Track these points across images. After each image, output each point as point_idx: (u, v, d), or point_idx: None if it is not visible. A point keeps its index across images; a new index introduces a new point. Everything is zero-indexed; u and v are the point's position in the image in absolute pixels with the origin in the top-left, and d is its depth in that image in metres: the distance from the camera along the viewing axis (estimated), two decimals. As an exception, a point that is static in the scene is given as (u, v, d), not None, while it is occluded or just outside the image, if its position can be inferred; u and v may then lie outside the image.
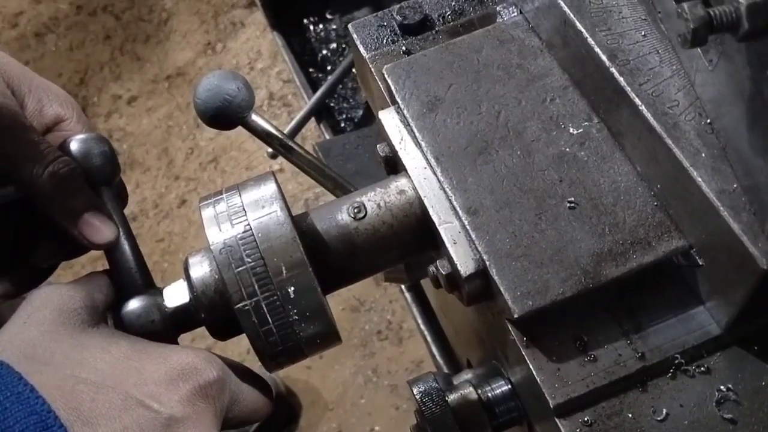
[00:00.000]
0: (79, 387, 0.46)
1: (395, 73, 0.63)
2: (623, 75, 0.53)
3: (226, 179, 2.19)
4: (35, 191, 0.55)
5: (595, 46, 0.55)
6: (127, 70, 2.37)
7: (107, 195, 0.58)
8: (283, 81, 2.35)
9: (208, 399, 0.50)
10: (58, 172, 0.55)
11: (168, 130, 2.29)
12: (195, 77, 2.37)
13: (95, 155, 0.57)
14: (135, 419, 0.46)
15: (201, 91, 0.72)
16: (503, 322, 0.55)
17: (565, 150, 0.57)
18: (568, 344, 0.53)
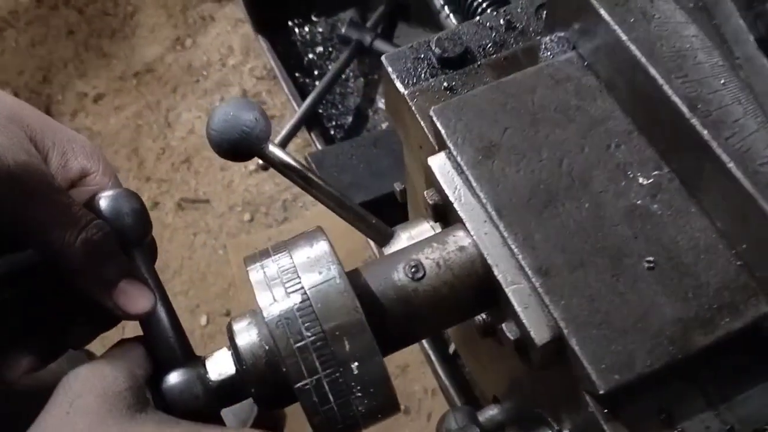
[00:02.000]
0: None
1: (444, 115, 0.58)
2: (707, 128, 0.50)
3: (200, 180, 2.12)
4: (66, 260, 0.49)
5: (672, 95, 0.51)
6: (93, 67, 2.27)
7: (140, 257, 0.53)
8: (256, 78, 2.28)
9: None
10: (91, 239, 0.49)
11: (137, 129, 2.21)
12: (164, 74, 2.28)
13: (126, 214, 0.52)
14: None
15: (217, 121, 0.66)
16: (578, 392, 0.51)
17: (636, 203, 0.53)
18: (652, 417, 0.50)
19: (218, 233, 2.03)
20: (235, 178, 2.12)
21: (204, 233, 2.03)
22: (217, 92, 2.25)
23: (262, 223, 2.04)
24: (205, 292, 1.94)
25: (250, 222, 2.06)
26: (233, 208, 2.07)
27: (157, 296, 0.52)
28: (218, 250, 2.01)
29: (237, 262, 1.96)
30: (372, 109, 1.47)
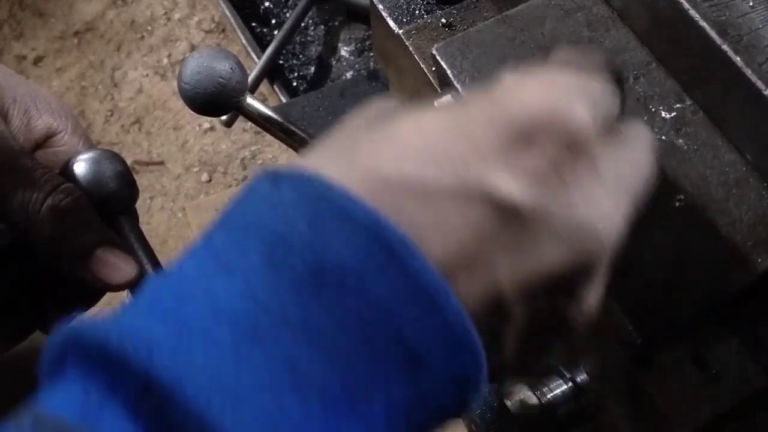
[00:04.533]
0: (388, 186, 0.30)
1: (449, 54, 0.54)
2: (738, 54, 0.46)
3: (153, 142, 2.04)
4: (32, 230, 0.44)
5: (700, 20, 0.47)
6: (30, 27, 2.14)
7: (128, 225, 0.47)
8: (205, 32, 2.18)
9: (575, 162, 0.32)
10: (59, 204, 0.44)
11: (82, 91, 2.10)
12: (106, 32, 2.17)
13: (109, 178, 0.47)
14: (475, 221, 0.30)
15: (189, 74, 0.61)
16: (607, 340, 0.48)
17: (660, 138, 0.50)
18: (687, 363, 0.47)
19: (176, 196, 1.96)
20: (189, 137, 2.04)
21: (161, 196, 1.96)
22: (164, 48, 2.15)
23: (221, 183, 1.97)
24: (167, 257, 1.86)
25: (209, 182, 1.99)
26: (189, 169, 2.00)
27: (149, 265, 0.47)
28: (177, 213, 1.94)
29: (197, 224, 1.90)
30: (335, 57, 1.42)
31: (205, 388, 0.25)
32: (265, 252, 0.28)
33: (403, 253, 0.28)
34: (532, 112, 0.31)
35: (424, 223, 0.29)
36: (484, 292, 0.30)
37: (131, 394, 0.25)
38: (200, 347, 0.26)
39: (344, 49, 1.42)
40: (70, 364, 0.27)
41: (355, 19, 1.45)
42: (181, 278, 0.29)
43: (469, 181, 0.30)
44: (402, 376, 0.28)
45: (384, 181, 0.30)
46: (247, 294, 0.27)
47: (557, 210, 0.31)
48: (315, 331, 0.27)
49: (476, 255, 0.30)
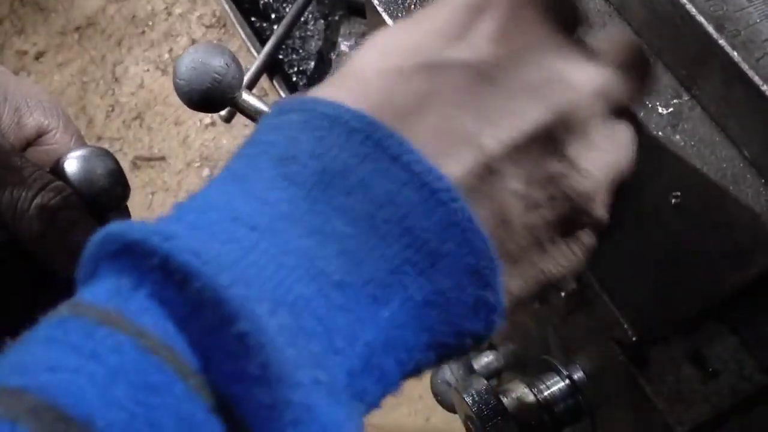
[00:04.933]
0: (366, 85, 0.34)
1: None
2: (736, 49, 0.46)
3: (154, 137, 2.04)
4: (21, 229, 0.44)
5: (697, 14, 0.47)
6: (31, 23, 2.14)
7: (119, 223, 0.47)
8: (206, 26, 2.18)
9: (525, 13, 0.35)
10: (48, 203, 0.44)
11: (83, 86, 2.10)
12: (107, 27, 2.17)
13: (101, 175, 0.46)
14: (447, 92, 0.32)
15: (184, 70, 0.61)
16: (603, 338, 0.48)
17: (657, 134, 0.50)
18: (683, 361, 0.47)
19: (177, 191, 1.96)
20: (190, 132, 2.04)
21: (162, 192, 1.96)
22: (165, 43, 2.15)
23: (222, 178, 1.97)
24: (169, 253, 1.88)
25: (210, 178, 1.99)
26: (191, 164, 2.00)
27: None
28: (178, 208, 1.94)
29: (199, 220, 1.90)
30: (335, 52, 1.41)
31: (222, 270, 0.26)
32: (275, 166, 0.30)
33: (395, 147, 0.30)
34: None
35: (401, 105, 0.32)
36: (473, 158, 0.32)
37: (156, 280, 0.27)
38: (218, 242, 0.28)
39: (344, 44, 1.41)
40: (103, 264, 0.29)
41: (355, 14, 1.44)
42: (204, 196, 0.31)
43: (432, 56, 0.34)
44: (415, 268, 0.30)
45: (362, 79, 0.33)
46: (262, 200, 0.30)
47: (523, 63, 0.34)
48: (327, 231, 0.29)
49: (455, 124, 0.32)
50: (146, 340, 0.26)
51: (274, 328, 0.26)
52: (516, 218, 0.33)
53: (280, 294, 0.27)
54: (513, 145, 0.32)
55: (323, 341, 0.28)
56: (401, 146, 0.30)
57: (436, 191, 0.30)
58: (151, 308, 0.27)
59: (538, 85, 0.33)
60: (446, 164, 0.31)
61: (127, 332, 0.26)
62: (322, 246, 0.29)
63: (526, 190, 0.33)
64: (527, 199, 0.33)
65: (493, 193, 0.32)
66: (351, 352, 0.28)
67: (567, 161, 0.34)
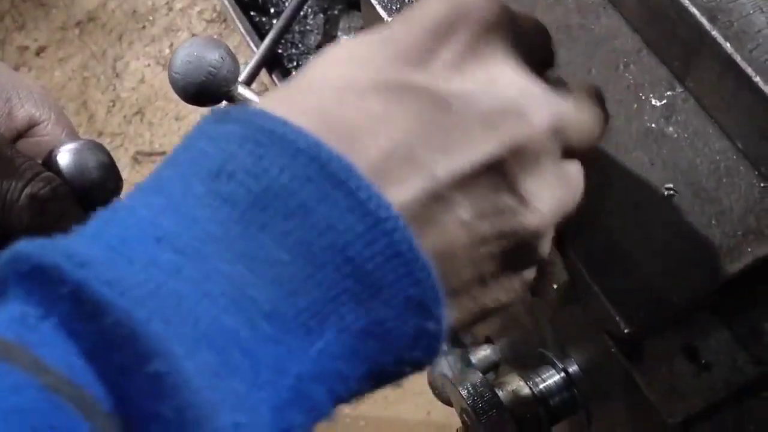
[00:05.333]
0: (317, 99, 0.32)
1: (437, 41, 0.53)
2: (729, 40, 0.46)
3: (155, 132, 2.04)
4: (11, 219, 0.44)
5: (690, 5, 0.47)
6: (32, 18, 2.14)
7: (111, 216, 0.47)
8: (206, 21, 2.18)
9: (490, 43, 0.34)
10: (38, 193, 0.44)
11: (84, 81, 2.10)
12: (108, 21, 2.17)
13: (92, 168, 0.46)
14: (402, 116, 0.31)
15: (179, 63, 0.61)
16: (596, 331, 0.48)
17: (650, 126, 0.49)
18: (677, 353, 0.47)
19: (178, 186, 1.96)
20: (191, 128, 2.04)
21: (163, 187, 1.96)
22: (166, 38, 2.15)
23: (223, 173, 1.97)
24: (170, 248, 1.88)
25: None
26: (192, 159, 2.00)
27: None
28: (179, 203, 1.94)
29: (200, 215, 1.90)
30: (334, 47, 1.40)
31: (138, 301, 0.25)
32: (208, 181, 0.29)
33: (341, 172, 0.29)
34: (440, 10, 0.34)
35: (353, 124, 0.31)
36: (422, 185, 0.31)
37: (66, 310, 0.25)
38: (139, 266, 0.26)
39: (343, 38, 1.41)
40: (11, 285, 0.27)
41: (354, 8, 1.44)
42: (127, 209, 0.29)
43: (391, 77, 0.32)
44: (353, 298, 0.28)
45: (313, 93, 0.32)
46: (190, 220, 0.28)
47: (479, 95, 0.33)
48: (261, 257, 0.28)
49: (406, 149, 0.31)
50: (48, 377, 0.24)
51: (191, 369, 0.25)
52: (461, 251, 0.32)
53: (203, 327, 0.26)
54: (463, 175, 0.31)
55: (247, 376, 0.26)
56: (348, 171, 0.29)
57: (381, 220, 0.29)
58: (57, 341, 0.25)
59: (494, 117, 0.32)
60: (393, 190, 0.30)
61: (27, 368, 0.24)
62: (254, 273, 0.27)
63: (474, 223, 0.32)
64: (474, 232, 0.32)
65: (440, 223, 0.31)
66: (279, 385, 0.27)
67: (517, 197, 0.33)
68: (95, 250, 0.26)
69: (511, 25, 0.35)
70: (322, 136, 0.29)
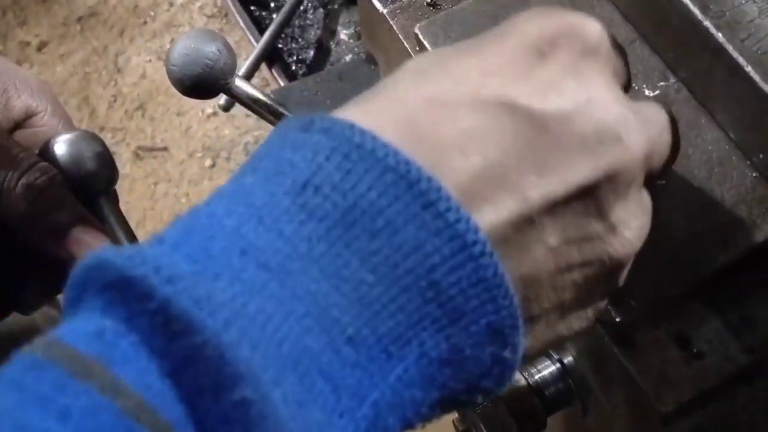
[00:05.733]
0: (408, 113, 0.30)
1: (431, 32, 0.53)
2: (720, 30, 0.46)
3: (156, 127, 2.05)
4: (7, 208, 0.44)
5: (682, -4, 0.47)
6: (33, 14, 2.15)
7: (107, 206, 0.47)
8: (207, 17, 2.18)
9: (590, 65, 0.33)
10: (34, 183, 0.44)
11: (86, 77, 2.11)
12: (109, 17, 2.17)
13: (88, 158, 0.47)
14: (498, 135, 0.30)
15: (176, 56, 0.61)
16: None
17: (643, 117, 0.50)
18: (668, 342, 0.47)
19: (179, 181, 1.96)
20: (192, 123, 2.04)
21: (165, 182, 1.96)
22: (167, 33, 2.16)
23: (224, 168, 1.97)
24: (171, 243, 1.89)
25: (212, 168, 1.99)
26: (193, 154, 2.00)
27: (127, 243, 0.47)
28: (181, 198, 1.94)
29: (201, 210, 1.90)
30: (334, 41, 1.41)
31: (227, 322, 0.24)
32: (294, 193, 0.28)
33: (431, 192, 0.28)
34: (543, 28, 0.33)
35: (446, 141, 0.29)
36: (514, 207, 0.29)
37: (149, 326, 0.24)
38: (225, 282, 0.25)
39: (343, 33, 1.41)
40: (90, 293, 0.26)
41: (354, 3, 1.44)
42: (209, 216, 0.28)
43: (487, 94, 0.30)
44: (435, 323, 0.28)
45: (402, 105, 0.30)
46: (276, 233, 0.27)
47: (577, 116, 0.31)
48: (345, 276, 0.27)
49: (500, 169, 0.29)
50: (126, 399, 0.23)
51: (278, 397, 0.24)
52: (545, 277, 0.31)
53: (287, 349, 0.25)
54: (556, 199, 0.30)
55: (329, 404, 0.25)
56: (437, 191, 0.28)
57: (468, 244, 0.27)
58: (136, 359, 0.24)
59: (592, 140, 0.31)
60: (484, 210, 0.29)
61: (103, 389, 0.23)
62: (338, 292, 0.26)
63: (562, 249, 0.31)
64: (561, 259, 0.31)
65: (527, 247, 0.30)
66: (357, 414, 0.26)
67: (607, 223, 0.32)
68: (182, 264, 0.25)
69: (610, 48, 0.35)
70: (412, 152, 0.28)
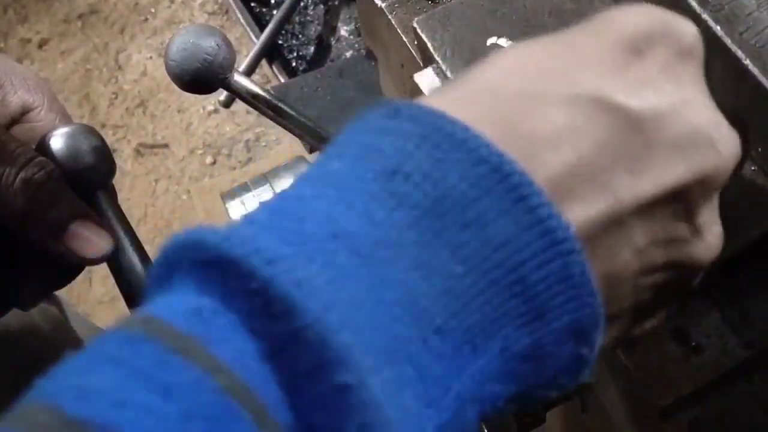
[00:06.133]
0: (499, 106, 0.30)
1: (430, 26, 0.53)
2: (719, 23, 0.46)
3: (157, 124, 2.04)
4: (5, 203, 0.44)
5: (681, -11, 0.47)
6: (34, 11, 2.15)
7: (105, 201, 0.47)
8: (208, 13, 2.18)
9: (686, 66, 0.32)
10: (32, 177, 0.44)
11: (87, 74, 2.11)
12: (110, 14, 2.17)
13: (86, 152, 0.47)
14: (591, 131, 0.29)
15: (175, 51, 0.61)
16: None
17: (641, 111, 0.50)
18: (666, 336, 0.47)
19: (180, 178, 1.96)
20: (193, 120, 2.04)
21: (165, 179, 1.96)
22: (168, 31, 2.16)
23: (225, 165, 1.98)
24: (172, 240, 1.89)
25: (213, 165, 1.99)
26: (194, 151, 2.00)
27: (126, 239, 0.47)
28: (182, 195, 1.94)
29: (202, 207, 1.90)
30: (334, 37, 1.41)
31: (327, 306, 0.24)
32: (383, 179, 0.27)
33: (523, 186, 0.27)
34: (639, 25, 0.32)
35: (538, 135, 0.29)
36: (604, 205, 0.29)
37: (248, 307, 0.24)
38: (319, 265, 0.25)
39: (344, 29, 1.41)
40: (183, 271, 0.25)
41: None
42: (298, 199, 0.27)
43: (581, 89, 0.30)
44: (519, 318, 0.27)
45: (493, 98, 0.30)
46: (366, 219, 0.26)
47: (672, 117, 0.31)
48: (435, 266, 0.26)
49: (593, 166, 0.29)
50: (225, 378, 0.23)
51: (378, 384, 0.24)
52: (628, 278, 0.31)
53: (380, 337, 0.25)
54: (647, 200, 0.30)
55: (417, 392, 0.25)
56: (529, 186, 0.27)
57: (558, 241, 0.27)
58: (234, 339, 0.24)
59: (686, 142, 0.31)
60: (574, 208, 0.28)
61: (204, 367, 0.23)
62: (427, 282, 0.26)
63: (647, 250, 0.31)
64: (645, 260, 0.31)
65: (614, 247, 0.30)
66: (442, 404, 0.26)
67: (693, 227, 0.32)
68: (274, 243, 0.25)
69: (703, 51, 0.34)
70: (504, 145, 0.28)
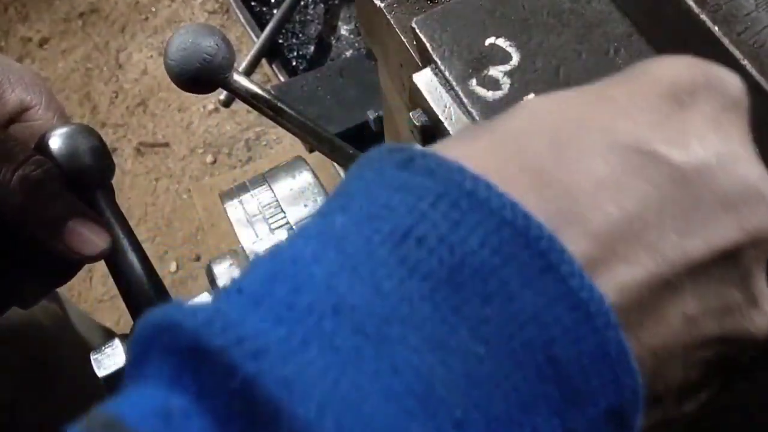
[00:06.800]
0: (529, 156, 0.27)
1: (428, 26, 0.53)
2: (717, 23, 0.46)
3: (158, 123, 2.05)
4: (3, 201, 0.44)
5: (679, -11, 0.47)
6: (35, 10, 2.15)
7: (103, 199, 0.48)
8: (208, 12, 2.19)
9: (732, 119, 0.30)
10: (29, 175, 0.44)
11: (87, 72, 2.11)
12: (111, 13, 2.18)
13: (84, 152, 0.47)
14: (635, 183, 0.26)
15: (174, 50, 0.61)
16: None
17: (640, 111, 0.50)
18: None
19: (181, 177, 1.97)
20: (194, 119, 2.05)
21: (166, 178, 1.97)
22: (168, 29, 2.16)
23: (225, 164, 1.98)
24: (173, 238, 1.89)
25: (213, 164, 2.00)
26: (194, 150, 2.01)
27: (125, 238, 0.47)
28: (182, 194, 1.95)
29: (203, 206, 1.91)
30: (334, 36, 1.41)
31: (321, 409, 0.21)
32: (393, 243, 0.24)
33: (553, 252, 0.24)
34: (681, 75, 0.30)
35: (576, 189, 0.26)
36: (652, 267, 0.26)
37: (226, 409, 0.21)
38: (315, 350, 0.22)
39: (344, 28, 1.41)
40: (158, 355, 0.23)
41: (354, -2, 1.44)
42: (294, 261, 0.24)
43: (623, 140, 0.27)
44: (551, 406, 0.24)
45: (524, 148, 0.27)
46: (372, 289, 0.23)
47: (720, 172, 0.28)
48: (453, 347, 0.23)
49: (638, 222, 0.26)
50: None
51: None
52: (678, 351, 0.28)
53: None
54: (698, 262, 0.27)
55: None
56: (560, 252, 0.24)
57: (592, 315, 0.24)
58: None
59: (737, 198, 0.28)
60: (617, 269, 0.25)
61: None
62: (444, 366, 0.23)
63: (700, 319, 0.28)
64: (697, 331, 0.28)
65: (663, 315, 0.27)
66: None
67: (748, 294, 0.28)
68: (267, 330, 0.22)
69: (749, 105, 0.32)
70: (535, 200, 0.25)
